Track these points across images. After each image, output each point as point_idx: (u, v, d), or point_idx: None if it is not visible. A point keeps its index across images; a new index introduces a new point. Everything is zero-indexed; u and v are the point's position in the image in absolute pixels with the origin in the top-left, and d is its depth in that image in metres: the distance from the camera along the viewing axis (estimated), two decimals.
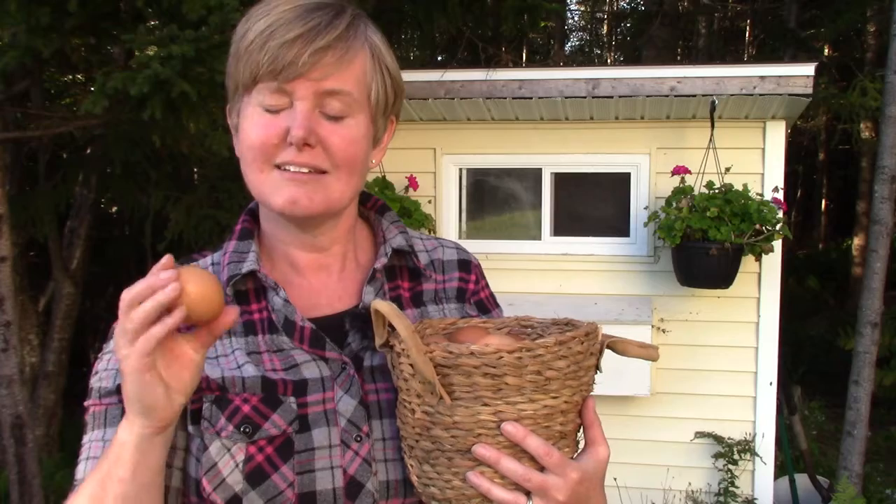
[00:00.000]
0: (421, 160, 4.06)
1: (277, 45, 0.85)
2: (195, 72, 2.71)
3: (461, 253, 1.09)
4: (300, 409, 0.89)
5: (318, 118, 0.88)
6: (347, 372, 0.92)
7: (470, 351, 0.79)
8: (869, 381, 4.03)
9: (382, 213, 1.05)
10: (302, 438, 0.88)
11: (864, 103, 6.40)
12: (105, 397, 0.90)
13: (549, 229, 4.05)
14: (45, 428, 4.85)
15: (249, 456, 0.87)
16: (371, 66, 0.91)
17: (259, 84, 0.87)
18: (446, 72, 3.83)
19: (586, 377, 0.87)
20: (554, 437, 0.84)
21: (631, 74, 3.66)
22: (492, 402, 0.81)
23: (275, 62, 0.85)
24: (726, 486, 3.79)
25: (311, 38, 0.85)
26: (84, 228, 5.14)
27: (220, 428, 0.87)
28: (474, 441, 0.82)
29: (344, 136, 0.89)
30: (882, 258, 3.99)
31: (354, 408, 0.91)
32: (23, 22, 2.79)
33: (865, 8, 8.19)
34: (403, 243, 1.01)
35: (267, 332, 0.92)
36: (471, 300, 1.06)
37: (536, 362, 0.80)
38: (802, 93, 3.48)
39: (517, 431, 0.81)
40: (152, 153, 4.36)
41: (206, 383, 0.88)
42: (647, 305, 3.84)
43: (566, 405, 0.84)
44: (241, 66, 0.88)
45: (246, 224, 0.99)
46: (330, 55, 0.86)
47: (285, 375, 0.90)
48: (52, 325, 5.01)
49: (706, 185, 3.49)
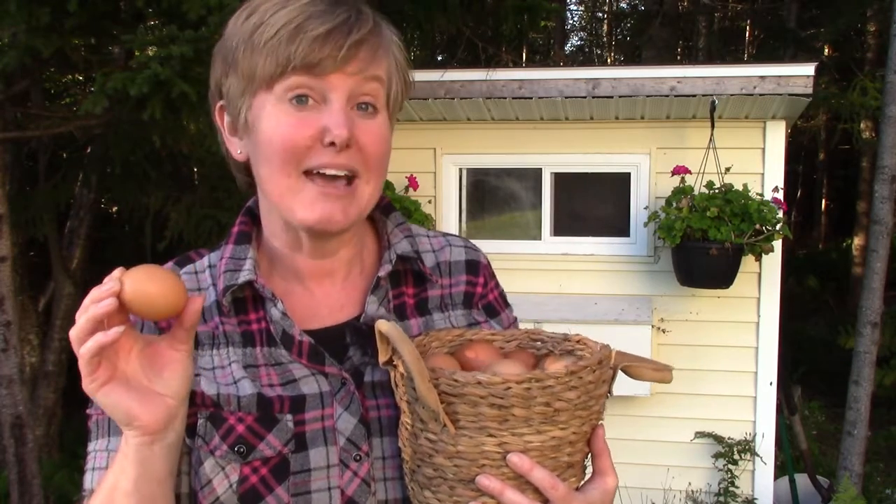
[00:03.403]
0: (421, 160, 4.05)
1: (311, 37, 0.80)
2: (195, 72, 2.71)
3: (469, 252, 1.04)
4: (297, 427, 0.86)
5: (352, 116, 0.84)
6: (347, 388, 0.89)
7: (477, 380, 0.76)
8: (869, 381, 4.03)
9: (387, 213, 1.00)
10: (298, 459, 0.86)
11: (864, 102, 6.40)
12: None
13: (549, 229, 4.05)
14: (45, 428, 4.84)
15: (244, 477, 0.84)
16: (393, 63, 0.89)
17: (287, 78, 0.82)
18: (446, 72, 3.83)
19: (596, 406, 0.83)
20: (561, 468, 0.81)
21: (631, 74, 3.66)
22: (497, 433, 0.77)
23: (310, 55, 0.80)
24: (726, 486, 3.79)
25: (345, 31, 0.81)
26: (84, 228, 5.14)
27: (214, 447, 0.85)
28: (478, 471, 0.79)
29: (375, 134, 0.86)
30: (882, 258, 3.99)
31: (354, 426, 0.88)
32: (23, 22, 2.79)
33: (865, 8, 8.20)
34: (409, 249, 0.96)
35: (265, 345, 0.89)
36: (478, 304, 1.02)
37: (545, 393, 0.77)
38: (802, 93, 3.48)
39: (523, 463, 0.78)
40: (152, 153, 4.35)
41: (201, 399, 0.86)
42: (647, 305, 3.84)
43: (575, 436, 0.81)
44: (259, 59, 0.82)
45: (243, 227, 0.95)
46: (364, 49, 0.83)
47: (283, 391, 0.87)
48: (52, 325, 5.01)
49: (706, 185, 3.49)
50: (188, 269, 0.95)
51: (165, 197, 4.54)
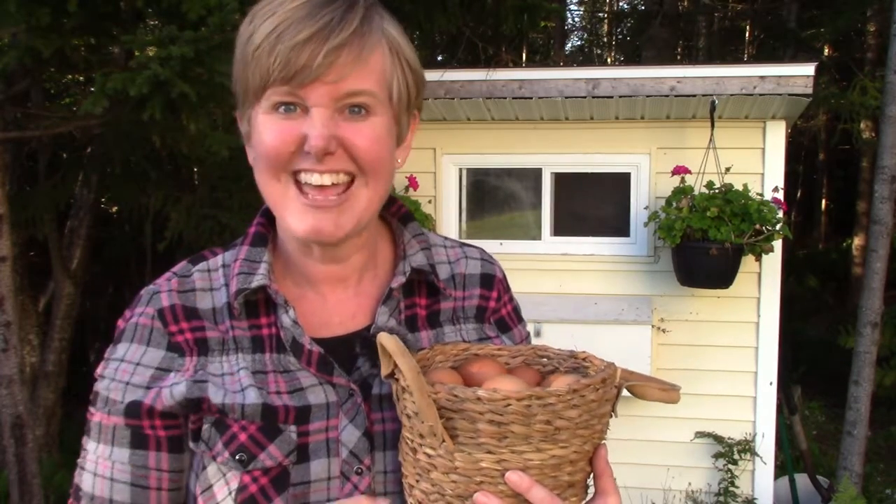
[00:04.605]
0: (421, 160, 4.05)
1: (288, 47, 0.78)
2: (195, 72, 2.71)
3: (485, 265, 1.03)
4: (300, 439, 0.86)
5: (337, 121, 0.81)
6: (354, 400, 0.88)
7: (476, 396, 0.75)
8: (869, 381, 4.03)
9: (406, 222, 0.99)
10: (299, 470, 0.85)
11: (864, 102, 6.40)
12: (114, 415, 0.87)
13: (549, 229, 4.05)
14: (45, 428, 4.84)
15: (243, 485, 0.84)
16: (390, 61, 0.85)
17: (270, 90, 0.81)
18: (446, 72, 3.83)
19: (599, 425, 0.82)
20: (561, 487, 0.80)
21: (631, 74, 3.66)
22: (496, 450, 0.76)
23: (286, 66, 0.78)
24: (726, 486, 3.79)
25: (323, 36, 0.78)
26: (84, 228, 5.14)
27: (217, 453, 0.85)
28: (476, 488, 0.78)
29: (368, 136, 0.83)
30: (882, 258, 3.99)
31: (358, 439, 0.87)
32: (23, 22, 2.79)
33: (865, 8, 8.20)
34: (424, 262, 0.95)
35: (274, 351, 0.89)
36: (490, 319, 1.01)
37: (546, 411, 0.75)
38: (802, 93, 3.48)
39: (522, 482, 0.77)
40: (152, 153, 4.36)
41: (208, 405, 0.85)
42: (647, 305, 3.84)
43: (576, 455, 0.80)
44: (249, 72, 0.82)
45: (260, 228, 0.94)
46: (345, 54, 0.79)
47: (289, 400, 0.86)
48: (52, 325, 5.00)
49: (706, 185, 3.49)
50: (201, 266, 0.94)
51: (165, 197, 4.53)
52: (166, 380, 0.86)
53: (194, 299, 0.91)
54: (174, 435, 0.87)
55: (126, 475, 0.86)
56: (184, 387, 0.85)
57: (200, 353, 0.88)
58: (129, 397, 0.86)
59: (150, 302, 0.90)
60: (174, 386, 0.85)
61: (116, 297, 7.30)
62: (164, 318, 0.89)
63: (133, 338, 0.89)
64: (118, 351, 0.90)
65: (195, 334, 0.89)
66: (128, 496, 0.87)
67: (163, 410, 0.85)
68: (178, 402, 0.85)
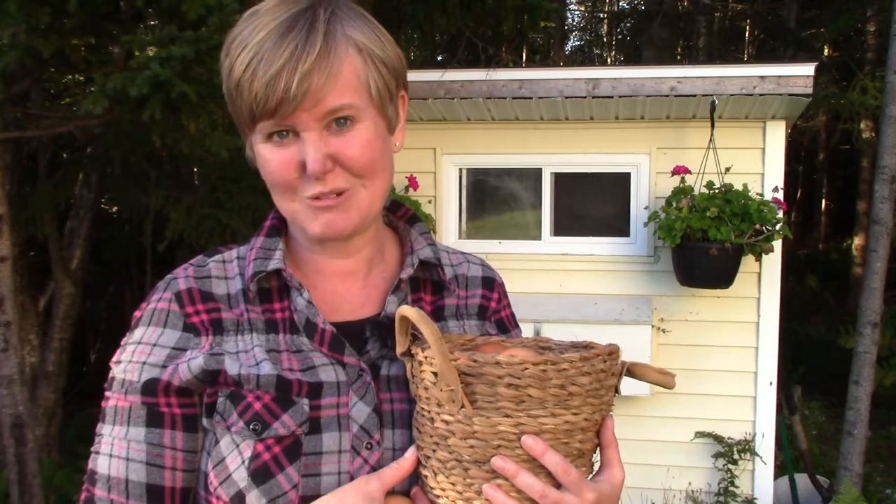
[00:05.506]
0: (421, 160, 4.06)
1: (263, 84, 0.82)
2: (194, 72, 2.71)
3: (486, 270, 1.09)
4: (312, 412, 0.89)
5: (326, 137, 0.86)
6: (364, 378, 0.92)
7: (495, 360, 0.79)
8: (869, 381, 4.03)
9: (412, 223, 1.05)
10: (311, 441, 0.88)
11: (864, 102, 6.40)
12: (130, 394, 0.89)
13: (549, 229, 4.05)
14: (45, 428, 4.84)
15: (256, 453, 0.86)
16: (362, 64, 0.87)
17: (259, 123, 0.86)
18: (446, 72, 3.83)
19: (607, 396, 0.87)
20: (572, 455, 0.84)
21: (631, 74, 3.66)
22: (513, 414, 0.80)
23: (267, 102, 0.83)
24: (726, 485, 3.79)
25: (292, 66, 0.82)
26: (84, 228, 5.14)
27: (231, 423, 0.87)
28: (493, 452, 0.81)
29: (357, 144, 0.88)
30: (882, 258, 3.99)
31: (368, 415, 0.90)
32: (23, 22, 2.79)
33: (865, 8, 8.21)
34: (431, 255, 1.00)
35: (288, 332, 0.93)
36: (491, 318, 1.06)
37: (561, 376, 0.80)
38: (802, 93, 3.48)
39: (537, 446, 0.80)
40: (152, 153, 4.36)
41: (224, 378, 0.88)
42: (647, 305, 3.84)
43: (586, 422, 0.84)
44: (236, 107, 0.88)
45: (275, 222, 0.99)
46: (317, 77, 0.83)
47: (301, 376, 0.90)
48: (52, 325, 5.01)
49: (706, 185, 3.49)
50: (216, 258, 0.98)
51: (165, 197, 4.54)
52: (183, 357, 0.89)
53: (210, 285, 0.94)
54: (189, 414, 0.89)
55: (142, 454, 0.88)
56: (201, 360, 0.88)
57: (216, 332, 0.91)
58: (146, 376, 0.89)
59: (167, 288, 0.94)
60: (191, 360, 0.88)
61: (116, 297, 7.30)
62: (181, 300, 0.92)
63: (150, 322, 0.92)
64: (135, 335, 0.92)
65: (211, 315, 0.92)
66: (143, 475, 0.88)
67: (179, 386, 0.88)
68: (195, 375, 0.87)
